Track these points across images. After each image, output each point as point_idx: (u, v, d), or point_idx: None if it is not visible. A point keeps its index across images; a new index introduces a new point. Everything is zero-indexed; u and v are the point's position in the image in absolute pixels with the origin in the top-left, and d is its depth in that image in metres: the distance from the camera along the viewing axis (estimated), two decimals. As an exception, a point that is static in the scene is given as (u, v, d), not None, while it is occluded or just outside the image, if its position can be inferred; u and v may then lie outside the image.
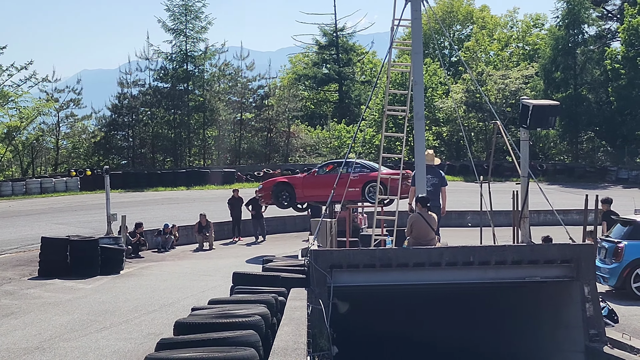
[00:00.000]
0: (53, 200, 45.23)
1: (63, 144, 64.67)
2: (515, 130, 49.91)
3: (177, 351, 7.92)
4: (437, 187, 17.65)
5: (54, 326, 14.14)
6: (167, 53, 64.71)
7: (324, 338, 12.08)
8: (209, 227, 28.91)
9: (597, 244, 17.21)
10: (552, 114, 15.00)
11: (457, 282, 14.20)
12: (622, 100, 61.17)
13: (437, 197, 17.71)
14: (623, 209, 25.53)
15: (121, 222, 25.26)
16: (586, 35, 65.91)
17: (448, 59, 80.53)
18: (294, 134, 67.22)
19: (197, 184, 51.50)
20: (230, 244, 29.61)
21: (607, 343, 12.97)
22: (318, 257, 13.36)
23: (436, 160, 18.51)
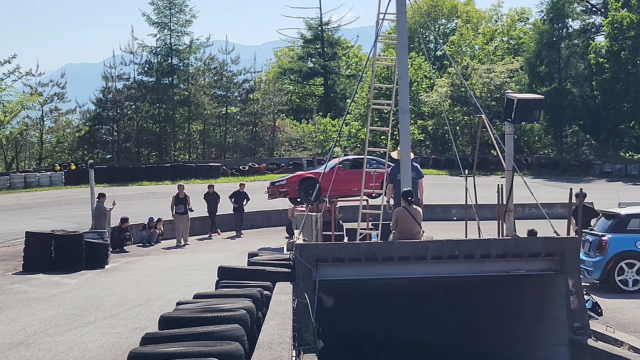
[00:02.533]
0: (37, 194, 45.01)
1: (47, 138, 64.33)
2: (500, 124, 50.02)
3: (162, 345, 7.91)
4: (415, 181, 17.63)
5: (39, 321, 14.07)
6: (151, 47, 64.58)
7: (309, 332, 12.09)
8: (186, 200, 27.96)
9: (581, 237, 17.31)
10: (536, 108, 15.06)
11: (442, 275, 14.25)
12: (606, 94, 61.51)
13: (416, 191, 17.68)
14: (607, 203, 25.70)
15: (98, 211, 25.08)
16: (570, 29, 66.21)
17: (433, 53, 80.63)
18: (280, 128, 67.17)
19: (182, 178, 51.33)
20: (207, 239, 29.45)
21: (591, 336, 13.04)
22: (303, 251, 13.37)
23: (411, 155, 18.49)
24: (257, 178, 52.37)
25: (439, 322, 18.08)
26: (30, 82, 62.09)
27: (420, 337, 18.52)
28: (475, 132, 58.93)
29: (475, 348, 16.75)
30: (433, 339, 18.20)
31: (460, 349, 17.25)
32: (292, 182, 26.48)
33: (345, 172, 25.67)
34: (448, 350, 17.63)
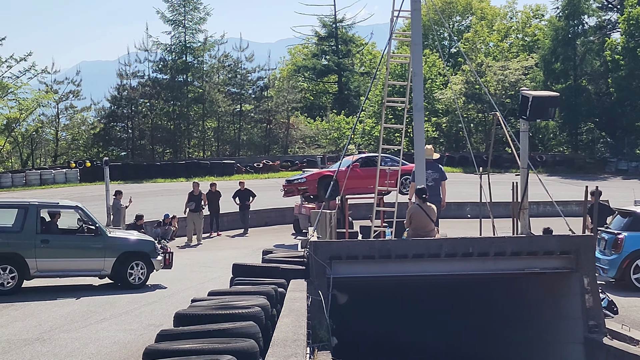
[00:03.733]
0: (53, 191, 45.22)
1: (62, 136, 64.61)
2: (514, 121, 49.87)
3: (177, 342, 7.95)
4: (437, 182, 17.72)
5: (54, 317, 14.16)
6: (166, 44, 64.67)
7: (323, 329, 12.10)
8: (200, 198, 28.00)
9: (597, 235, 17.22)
10: (551, 105, 15.01)
11: (456, 273, 14.22)
12: (622, 91, 61.10)
13: (439, 192, 17.76)
14: (623, 201, 25.57)
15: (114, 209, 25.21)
16: (586, 26, 65.79)
17: (447, 50, 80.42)
18: (294, 125, 67.16)
19: (196, 175, 51.46)
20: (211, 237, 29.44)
21: (607, 334, 12.99)
22: (317, 248, 13.37)
23: (435, 155, 18.51)
24: (271, 175, 52.42)
25: (452, 320, 18.06)
26: (46, 79, 62.44)
27: (432, 336, 18.50)
28: (490, 130, 58.73)
29: (488, 346, 16.72)
30: (445, 338, 18.17)
31: (473, 346, 17.23)
32: (311, 180, 26.53)
33: (362, 169, 25.76)
34: (461, 348, 17.61)
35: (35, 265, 17.22)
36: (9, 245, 17.09)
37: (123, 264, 18.01)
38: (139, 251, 18.37)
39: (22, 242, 17.20)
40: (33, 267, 17.22)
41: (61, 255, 17.60)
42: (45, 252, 17.33)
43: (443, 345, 18.20)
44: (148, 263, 18.34)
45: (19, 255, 17.09)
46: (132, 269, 18.11)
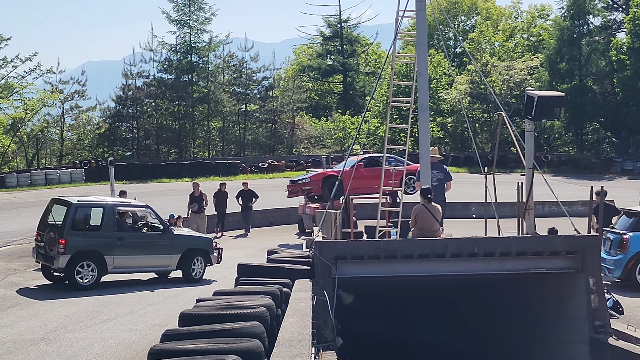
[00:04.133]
0: (58, 191, 45.22)
1: (68, 136, 64.68)
2: (520, 121, 49.75)
3: (182, 342, 7.95)
4: (442, 182, 17.78)
5: (60, 317, 14.17)
6: (171, 44, 64.71)
7: (328, 329, 12.09)
8: (202, 198, 27.53)
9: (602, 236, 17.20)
10: (557, 105, 14.99)
11: (461, 273, 14.21)
12: (628, 91, 60.98)
13: (442, 192, 17.82)
14: (628, 201, 25.50)
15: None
16: (591, 25, 65.65)
17: (452, 50, 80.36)
18: (299, 125, 67.16)
19: (201, 175, 51.49)
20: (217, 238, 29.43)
21: (612, 334, 12.97)
22: (323, 248, 13.37)
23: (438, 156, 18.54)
24: (276, 175, 52.40)
25: (457, 320, 18.04)
26: (51, 79, 62.50)
27: (437, 336, 18.48)
28: (495, 130, 58.67)
29: (494, 346, 16.70)
30: (450, 338, 18.15)
31: (480, 347, 17.21)
32: (315, 180, 26.53)
33: (366, 169, 25.79)
34: (466, 349, 17.59)
35: (112, 262, 18.10)
36: (90, 242, 17.83)
37: (187, 260, 19.22)
38: (200, 248, 19.66)
39: (101, 240, 18.00)
40: (110, 264, 18.06)
41: (134, 252, 18.53)
42: (121, 249, 18.21)
43: (449, 345, 18.18)
44: (206, 258, 19.65)
45: (99, 252, 17.86)
46: (194, 265, 19.33)
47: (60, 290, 17.34)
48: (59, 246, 17.32)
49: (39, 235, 18.36)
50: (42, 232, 18.18)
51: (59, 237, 17.40)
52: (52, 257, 17.52)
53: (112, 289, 17.59)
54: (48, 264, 17.96)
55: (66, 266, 17.38)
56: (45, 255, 17.86)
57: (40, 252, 18.11)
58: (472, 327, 17.59)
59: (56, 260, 17.36)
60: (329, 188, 25.44)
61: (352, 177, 21.64)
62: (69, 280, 17.61)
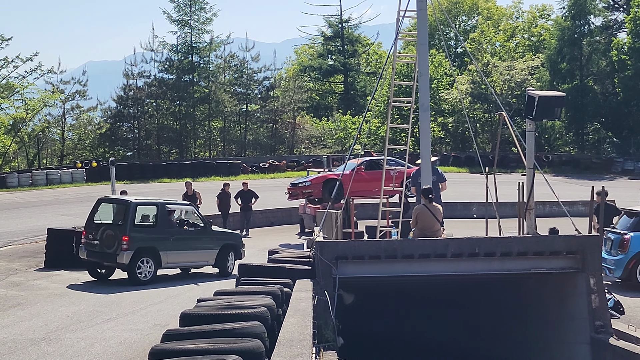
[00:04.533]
0: (59, 191, 45.31)
1: (69, 136, 64.73)
2: (521, 121, 49.74)
3: (183, 342, 7.95)
4: (435, 185, 17.78)
5: (61, 317, 14.18)
6: (172, 44, 64.78)
7: (329, 329, 12.10)
8: (195, 197, 26.99)
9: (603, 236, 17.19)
10: (557, 105, 14.99)
11: (462, 273, 14.21)
12: (629, 91, 60.97)
13: (437, 195, 17.82)
14: (629, 201, 25.50)
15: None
16: (592, 25, 65.66)
17: (453, 50, 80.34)
18: (300, 125, 67.18)
19: (202, 175, 51.53)
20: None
21: (613, 334, 12.98)
22: (323, 248, 13.38)
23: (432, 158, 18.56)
24: (277, 175, 52.42)
25: (458, 320, 18.04)
26: (52, 79, 62.62)
27: (438, 336, 18.49)
28: (496, 130, 58.65)
29: (495, 346, 16.70)
30: (451, 338, 18.16)
31: (480, 347, 17.21)
32: (316, 183, 26.55)
33: (367, 172, 25.88)
34: (466, 348, 17.59)
35: (166, 258, 19.08)
36: (148, 239, 18.77)
37: (223, 255, 20.29)
38: (233, 243, 20.74)
39: (157, 236, 18.99)
40: (164, 260, 19.03)
41: (183, 248, 19.54)
42: (173, 245, 19.20)
43: (449, 345, 18.19)
44: (237, 253, 20.67)
45: (155, 248, 18.82)
46: (228, 259, 20.39)
47: (62, 292, 17.35)
48: (122, 243, 18.13)
49: (89, 234, 18.96)
50: (93, 231, 18.85)
51: (121, 234, 18.21)
52: (111, 254, 18.30)
53: (114, 289, 17.60)
54: (104, 261, 18.74)
55: (129, 262, 18.19)
56: (102, 252, 18.57)
57: (93, 249, 18.75)
58: (473, 326, 17.59)
59: (119, 257, 18.12)
60: (330, 191, 25.45)
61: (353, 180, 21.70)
62: (130, 275, 18.40)
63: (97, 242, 18.66)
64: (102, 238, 18.57)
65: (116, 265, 18.56)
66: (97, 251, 18.68)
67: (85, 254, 18.97)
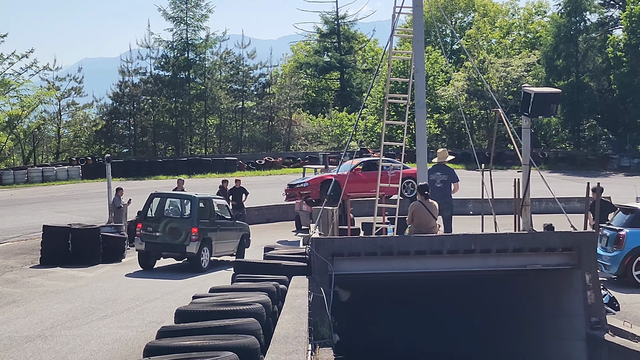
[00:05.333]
0: (55, 188, 45.25)
1: (64, 133, 64.62)
2: (517, 118, 49.76)
3: (178, 339, 7.93)
4: (446, 183, 17.74)
5: (56, 314, 14.16)
6: (168, 41, 64.72)
7: (325, 326, 12.08)
8: None
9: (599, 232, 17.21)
10: (553, 102, 14.95)
11: (458, 270, 14.20)
12: (624, 87, 61.06)
13: (447, 194, 17.76)
14: (625, 197, 25.54)
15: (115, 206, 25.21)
16: (588, 22, 65.78)
17: (449, 47, 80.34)
18: (296, 122, 67.17)
19: (198, 172, 51.52)
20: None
21: (609, 331, 12.97)
22: (319, 245, 13.35)
23: (448, 157, 18.56)
24: (274, 172, 52.42)
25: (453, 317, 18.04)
26: (48, 76, 62.44)
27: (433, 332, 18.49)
28: (492, 126, 58.70)
29: (490, 343, 16.71)
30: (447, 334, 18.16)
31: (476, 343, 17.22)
32: (314, 185, 26.58)
33: (364, 173, 26.00)
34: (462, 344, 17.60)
35: (215, 247, 21.02)
36: (207, 230, 20.55)
37: (242, 244, 22.38)
38: (247, 233, 22.87)
39: (210, 228, 20.81)
40: (214, 249, 20.95)
41: (224, 239, 21.46)
42: (219, 236, 21.15)
43: (445, 341, 18.19)
44: (248, 242, 22.82)
45: (210, 239, 20.64)
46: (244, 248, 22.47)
47: (58, 289, 17.34)
48: (191, 234, 19.81)
49: (147, 227, 20.29)
50: (153, 224, 20.26)
51: (189, 226, 19.87)
52: (179, 245, 19.92)
53: (108, 285, 17.59)
54: (170, 252, 20.29)
55: (197, 252, 19.91)
56: (166, 244, 20.05)
57: (154, 241, 20.13)
58: (468, 323, 17.59)
59: (189, 247, 19.83)
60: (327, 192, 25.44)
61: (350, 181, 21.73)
62: (194, 264, 20.08)
63: (159, 234, 20.07)
64: (165, 230, 20.02)
65: (185, 254, 20.14)
66: (161, 242, 20.10)
67: (143, 245, 20.25)
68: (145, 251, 20.38)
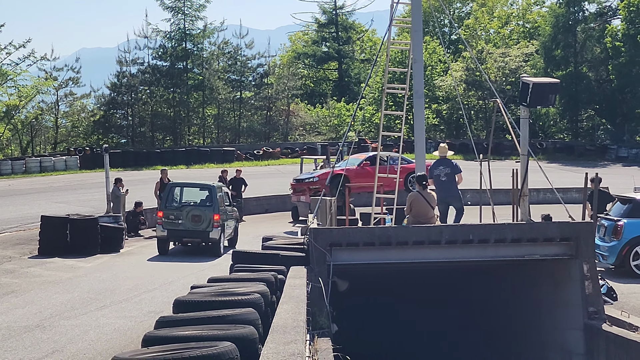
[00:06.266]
0: (53, 178, 45.22)
1: (62, 123, 64.50)
2: (515, 108, 49.78)
3: (176, 329, 7.93)
4: (451, 176, 17.79)
5: (54, 304, 14.18)
6: (165, 31, 64.51)
7: (323, 316, 12.11)
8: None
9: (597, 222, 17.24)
10: (552, 92, 14.96)
11: (456, 260, 14.23)
12: (623, 78, 61.02)
13: (453, 186, 17.75)
14: (623, 187, 25.56)
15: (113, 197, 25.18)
16: (587, 12, 65.67)
17: (448, 37, 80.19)
18: (294, 112, 67.09)
19: (196, 162, 51.48)
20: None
21: (606, 320, 13.01)
22: (318, 235, 13.37)
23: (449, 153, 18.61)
24: (272, 162, 52.40)
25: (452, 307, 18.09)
26: (45, 66, 62.26)
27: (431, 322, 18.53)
28: (490, 117, 58.66)
29: (488, 331, 16.75)
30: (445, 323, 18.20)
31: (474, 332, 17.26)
32: (323, 179, 26.49)
33: (372, 168, 25.98)
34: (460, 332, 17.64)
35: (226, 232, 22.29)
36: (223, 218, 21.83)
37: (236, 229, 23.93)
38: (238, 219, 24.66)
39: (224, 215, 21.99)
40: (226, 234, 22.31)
41: (228, 225, 22.70)
42: (229, 219, 22.75)
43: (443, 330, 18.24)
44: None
45: (224, 225, 21.87)
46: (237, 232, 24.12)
47: (56, 279, 17.35)
48: (213, 221, 21.17)
49: (170, 215, 21.47)
50: (174, 212, 21.53)
51: (211, 213, 21.24)
52: (202, 231, 21.30)
53: (107, 276, 17.60)
54: (193, 238, 21.68)
55: (219, 237, 21.34)
56: (189, 230, 21.38)
57: (177, 228, 21.40)
58: (467, 312, 17.63)
59: (212, 233, 21.19)
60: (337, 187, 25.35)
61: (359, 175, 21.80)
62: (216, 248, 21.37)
63: (181, 221, 21.35)
64: (187, 217, 21.33)
65: (208, 240, 21.41)
66: (183, 229, 21.40)
67: (165, 232, 21.48)
68: (166, 237, 21.64)
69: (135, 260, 20.42)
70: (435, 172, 17.64)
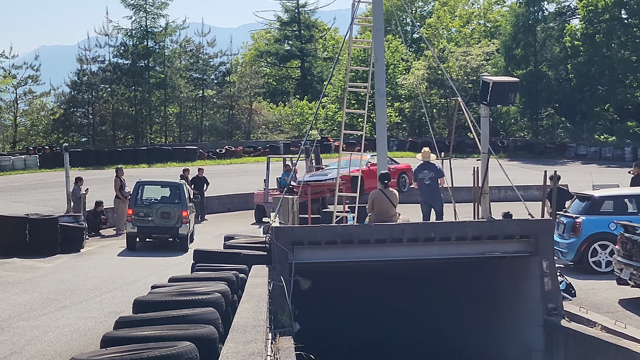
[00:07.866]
0: (12, 178, 44.59)
1: (21, 121, 63.58)
2: (476, 106, 50.12)
3: (136, 329, 7.89)
4: (434, 180, 18.12)
5: (13, 305, 13.99)
6: (126, 29, 63.85)
7: (285, 315, 12.11)
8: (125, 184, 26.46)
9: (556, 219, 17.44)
10: (511, 91, 15.09)
11: (418, 258, 14.31)
12: (581, 77, 61.81)
13: (436, 190, 18.17)
14: (582, 185, 25.88)
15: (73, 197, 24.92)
16: (546, 12, 66.37)
17: (410, 36, 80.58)
18: (256, 110, 66.90)
19: (158, 161, 51.08)
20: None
21: (565, 316, 13.17)
22: (279, 234, 13.36)
23: (432, 157, 18.75)
24: (234, 161, 52.20)
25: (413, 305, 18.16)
26: (4, 64, 61.26)
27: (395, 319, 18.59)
28: (452, 115, 59.05)
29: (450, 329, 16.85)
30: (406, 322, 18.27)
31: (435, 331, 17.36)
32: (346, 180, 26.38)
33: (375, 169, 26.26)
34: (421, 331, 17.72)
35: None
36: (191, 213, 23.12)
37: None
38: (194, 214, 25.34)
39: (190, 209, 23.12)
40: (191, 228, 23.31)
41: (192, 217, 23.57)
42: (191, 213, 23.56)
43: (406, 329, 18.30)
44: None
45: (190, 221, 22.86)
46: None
47: (15, 280, 17.12)
48: (182, 218, 21.85)
49: (139, 212, 22.00)
50: (144, 209, 22.03)
51: (179, 210, 21.93)
52: (172, 228, 21.85)
53: (67, 276, 17.40)
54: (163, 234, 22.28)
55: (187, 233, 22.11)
56: (159, 227, 21.93)
57: (146, 225, 21.94)
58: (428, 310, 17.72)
59: (182, 229, 21.85)
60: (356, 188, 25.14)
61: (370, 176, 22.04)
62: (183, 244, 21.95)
63: (150, 218, 21.88)
64: (157, 214, 21.87)
65: (178, 236, 21.95)
66: (153, 226, 21.96)
67: (135, 229, 22.00)
68: (135, 234, 22.13)
69: (96, 260, 20.23)
70: (420, 175, 18.20)
